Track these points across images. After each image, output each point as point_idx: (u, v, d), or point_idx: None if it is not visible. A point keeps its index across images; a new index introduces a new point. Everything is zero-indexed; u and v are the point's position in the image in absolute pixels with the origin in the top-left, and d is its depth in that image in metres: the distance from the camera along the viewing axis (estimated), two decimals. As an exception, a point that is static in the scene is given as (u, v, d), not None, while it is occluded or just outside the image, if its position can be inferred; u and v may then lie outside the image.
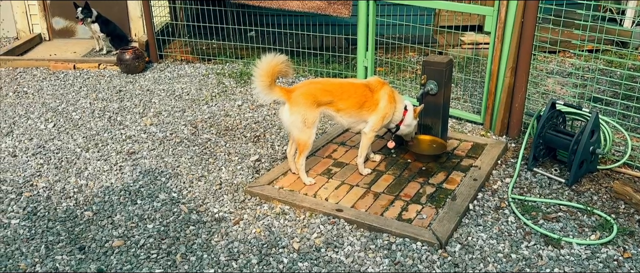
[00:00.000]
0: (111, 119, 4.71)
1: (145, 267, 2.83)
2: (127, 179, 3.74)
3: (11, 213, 3.34)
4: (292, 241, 3.02)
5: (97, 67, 6.02)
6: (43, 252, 2.97)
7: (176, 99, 5.16)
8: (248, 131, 4.48)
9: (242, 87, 5.45)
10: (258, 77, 3.33)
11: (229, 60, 6.16)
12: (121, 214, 3.32)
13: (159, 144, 4.25)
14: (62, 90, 5.37)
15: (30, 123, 4.63)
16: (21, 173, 3.81)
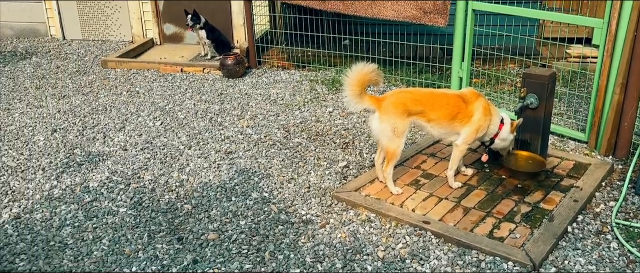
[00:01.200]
0: (212, 120, 5.01)
1: (236, 261, 2.98)
2: (224, 177, 3.95)
3: (120, 202, 3.66)
4: (376, 249, 3.03)
5: (202, 71, 6.43)
6: (146, 239, 3.23)
7: (271, 103, 5.37)
8: (337, 137, 4.56)
9: (334, 94, 5.55)
10: (348, 86, 3.38)
11: (322, 67, 6.30)
12: (217, 209, 3.52)
13: (253, 146, 4.45)
14: (170, 91, 5.79)
15: (140, 120, 5.05)
16: (130, 166, 4.16)
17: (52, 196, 3.72)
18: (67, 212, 3.51)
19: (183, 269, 2.94)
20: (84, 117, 5.10)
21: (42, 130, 4.83)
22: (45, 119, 5.07)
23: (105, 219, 3.43)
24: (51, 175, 4.01)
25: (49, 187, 3.84)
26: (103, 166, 4.15)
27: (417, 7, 5.09)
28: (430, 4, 5.05)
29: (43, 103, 5.49)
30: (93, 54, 7.17)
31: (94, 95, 5.69)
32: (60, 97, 5.64)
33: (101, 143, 4.55)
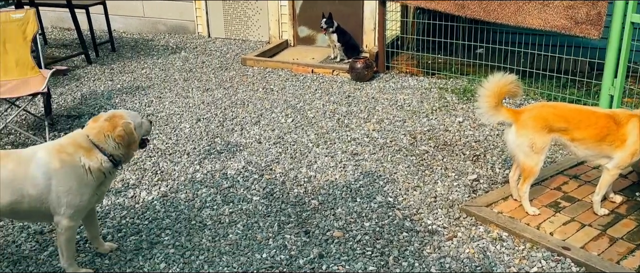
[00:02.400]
0: (339, 121, 5.12)
1: (360, 262, 3.01)
2: (349, 177, 4.02)
3: (254, 190, 3.89)
4: (508, 270, 2.88)
5: (331, 73, 6.60)
6: (276, 229, 3.40)
7: (398, 109, 5.35)
8: (467, 149, 4.41)
9: (464, 104, 5.38)
10: (483, 97, 3.26)
11: (453, 75, 6.14)
12: (342, 208, 3.59)
13: (379, 149, 4.47)
14: (301, 91, 6.03)
15: (273, 116, 5.32)
16: (264, 158, 4.40)
17: (195, 179, 4.07)
18: (207, 195, 3.82)
19: (309, 262, 3.04)
20: (224, 110, 5.51)
21: (188, 118, 5.30)
22: (190, 109, 5.55)
23: (240, 205, 3.67)
24: (194, 160, 4.38)
25: (192, 170, 4.21)
26: (240, 156, 4.44)
27: (568, 16, 4.74)
28: (584, 14, 4.68)
29: (189, 94, 6.02)
30: (234, 51, 7.71)
31: (234, 90, 6.11)
32: (204, 90, 6.14)
33: (239, 135, 4.88)
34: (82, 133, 2.84)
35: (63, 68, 6.87)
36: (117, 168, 2.90)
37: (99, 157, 2.77)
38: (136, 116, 2.99)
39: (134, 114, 2.99)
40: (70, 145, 2.77)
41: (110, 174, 2.88)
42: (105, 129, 2.82)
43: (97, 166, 2.77)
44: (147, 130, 3.08)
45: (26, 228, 3.46)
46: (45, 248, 3.24)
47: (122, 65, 7.13)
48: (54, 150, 2.76)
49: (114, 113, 2.93)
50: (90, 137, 2.80)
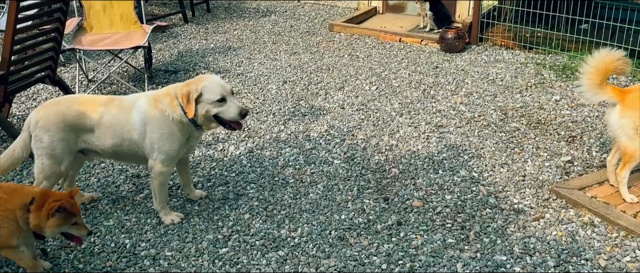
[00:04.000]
0: (425, 92, 5.01)
1: (439, 233, 2.98)
2: (432, 149, 3.95)
3: (335, 154, 3.94)
4: (598, 257, 2.72)
5: (419, 42, 6.43)
6: (355, 192, 3.43)
7: (489, 83, 5.13)
8: (562, 129, 4.15)
9: (563, 82, 5.04)
10: (587, 74, 3.04)
11: (552, 51, 5.76)
12: (423, 179, 3.55)
13: (465, 123, 4.34)
14: (387, 59, 5.94)
15: (357, 83, 5.30)
16: (346, 124, 4.42)
17: (279, 138, 4.18)
18: (290, 154, 3.92)
19: (387, 228, 3.05)
20: (310, 74, 5.57)
21: (275, 80, 5.42)
22: (278, 71, 5.67)
23: (322, 167, 3.74)
24: (280, 120, 4.50)
25: (277, 130, 4.32)
26: (323, 120, 4.50)
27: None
28: None
29: (277, 57, 6.14)
30: (322, 17, 7.72)
31: (320, 55, 6.15)
32: (292, 53, 6.23)
33: (323, 99, 4.93)
34: (174, 86, 2.98)
35: (163, 24, 7.25)
36: (197, 129, 2.97)
37: (179, 110, 2.89)
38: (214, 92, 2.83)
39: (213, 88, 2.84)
40: (164, 96, 2.94)
41: (193, 133, 2.99)
42: (184, 86, 2.91)
43: (178, 118, 2.90)
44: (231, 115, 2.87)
45: (125, 171, 3.75)
46: (141, 190, 3.51)
47: (216, 26, 7.39)
48: (152, 99, 2.95)
49: (201, 77, 2.94)
50: (176, 91, 2.93)
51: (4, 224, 2.45)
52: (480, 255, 2.78)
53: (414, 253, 2.82)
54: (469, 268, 2.69)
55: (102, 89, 5.30)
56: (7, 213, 2.45)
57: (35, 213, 2.44)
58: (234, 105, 2.89)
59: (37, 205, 2.45)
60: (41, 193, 2.50)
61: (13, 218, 2.46)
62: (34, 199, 2.46)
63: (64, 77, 5.36)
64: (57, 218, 2.45)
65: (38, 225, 2.46)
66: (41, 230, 2.47)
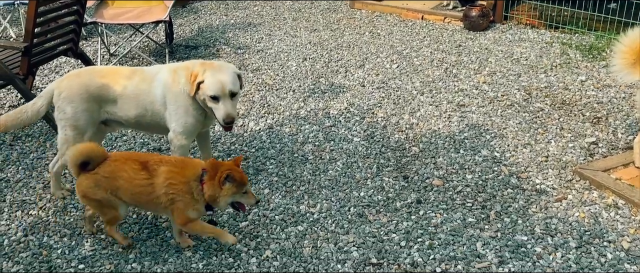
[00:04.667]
0: (447, 70, 4.93)
1: (459, 212, 2.96)
2: (454, 128, 3.90)
3: (355, 131, 3.92)
4: (621, 239, 2.68)
5: (442, 20, 6.32)
6: (374, 170, 3.42)
7: (513, 62, 5.03)
8: (588, 110, 4.06)
9: (589, 62, 4.92)
10: (620, 53, 2.96)
11: (578, 30, 5.61)
12: (443, 158, 3.51)
13: (488, 103, 4.27)
14: (409, 37, 5.86)
15: (378, 61, 5.25)
16: (366, 102, 4.39)
17: (299, 115, 4.18)
18: (309, 131, 3.91)
19: (406, 206, 3.04)
20: (330, 51, 5.52)
21: (295, 57, 5.39)
22: (298, 48, 5.63)
23: (341, 144, 3.73)
24: (299, 97, 4.48)
25: (296, 107, 4.31)
26: (343, 97, 4.47)
27: None
28: None
29: (297, 33, 6.09)
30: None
31: (340, 32, 6.08)
32: (312, 30, 6.18)
33: (343, 77, 4.89)
34: (194, 62, 2.98)
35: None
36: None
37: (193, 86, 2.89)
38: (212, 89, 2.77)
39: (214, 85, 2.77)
40: (183, 69, 2.94)
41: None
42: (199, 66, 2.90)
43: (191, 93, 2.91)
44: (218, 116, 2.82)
45: (146, 144, 3.79)
46: (163, 164, 3.54)
47: (236, 2, 7.35)
48: (172, 70, 2.96)
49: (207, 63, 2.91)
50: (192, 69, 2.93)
51: (180, 197, 2.49)
52: (500, 235, 2.76)
53: (433, 232, 2.81)
54: (489, 247, 2.68)
55: (123, 63, 5.34)
56: (182, 186, 2.49)
57: (209, 184, 2.47)
58: (222, 110, 2.81)
59: (209, 176, 2.47)
60: (211, 164, 2.53)
61: (188, 191, 2.49)
62: (205, 170, 2.49)
63: (86, 51, 5.39)
64: (231, 186, 2.47)
65: (213, 195, 2.48)
66: (215, 200, 2.50)
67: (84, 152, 2.52)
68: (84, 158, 2.52)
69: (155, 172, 2.50)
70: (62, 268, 2.63)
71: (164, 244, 2.78)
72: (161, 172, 2.50)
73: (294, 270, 2.58)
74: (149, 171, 2.51)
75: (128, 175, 2.52)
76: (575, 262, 2.55)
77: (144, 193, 2.52)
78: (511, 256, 2.61)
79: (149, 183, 2.50)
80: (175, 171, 2.51)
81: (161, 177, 2.49)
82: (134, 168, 2.52)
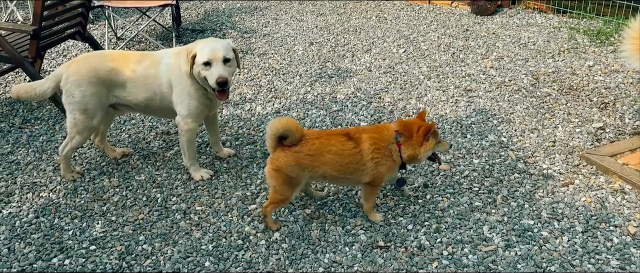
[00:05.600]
0: (454, 55, 4.92)
1: (466, 196, 2.98)
2: (461, 113, 3.90)
3: (361, 116, 3.92)
4: (627, 223, 2.70)
5: (450, 4, 6.28)
6: (381, 155, 3.43)
7: (520, 47, 5.00)
8: (595, 95, 4.05)
9: (597, 47, 4.89)
10: (629, 39, 2.95)
11: (587, 15, 5.57)
12: (451, 142, 3.52)
13: (495, 88, 4.26)
14: (416, 22, 5.83)
15: (385, 45, 5.23)
16: (373, 86, 4.39)
17: (306, 100, 4.18)
18: (317, 116, 3.92)
19: (413, 190, 3.06)
20: (336, 35, 5.50)
21: (301, 41, 5.38)
22: (304, 32, 5.62)
23: (349, 129, 3.74)
24: (306, 82, 4.48)
25: (303, 91, 4.32)
26: (349, 82, 4.47)
27: None
28: None
29: (304, 17, 6.07)
30: (349, -23, 7.56)
31: (347, 16, 6.06)
32: (318, 15, 6.15)
33: (349, 61, 4.88)
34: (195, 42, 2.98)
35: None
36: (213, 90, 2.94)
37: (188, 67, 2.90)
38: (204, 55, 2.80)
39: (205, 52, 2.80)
40: (184, 51, 2.95)
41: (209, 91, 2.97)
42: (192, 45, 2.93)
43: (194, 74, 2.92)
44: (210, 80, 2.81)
45: (155, 127, 3.81)
46: (171, 147, 3.57)
47: (241, -15, 7.32)
48: (175, 54, 2.97)
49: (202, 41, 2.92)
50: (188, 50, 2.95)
51: (383, 161, 2.62)
52: (507, 219, 2.78)
53: (440, 215, 2.83)
54: (496, 231, 2.70)
55: (130, 47, 5.34)
56: (384, 151, 2.61)
57: (408, 144, 2.62)
58: (214, 72, 2.80)
59: (405, 137, 2.63)
60: (402, 125, 2.67)
61: (389, 155, 2.63)
62: (398, 132, 2.64)
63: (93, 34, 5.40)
64: (431, 141, 2.64)
65: (412, 154, 2.64)
66: (415, 157, 2.66)
67: (285, 125, 2.54)
68: (284, 131, 2.55)
69: (359, 140, 2.61)
70: (73, 250, 2.67)
71: (174, 226, 2.82)
72: (365, 139, 2.61)
73: (302, 252, 2.61)
74: (354, 141, 2.61)
75: (337, 148, 2.59)
76: (581, 246, 2.57)
77: (353, 162, 2.60)
78: (518, 240, 2.63)
79: (358, 151, 2.60)
80: (377, 137, 2.63)
81: (366, 143, 2.60)
82: (341, 140, 2.61)
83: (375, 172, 2.63)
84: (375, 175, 2.64)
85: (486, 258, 2.53)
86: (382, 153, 2.61)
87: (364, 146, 2.60)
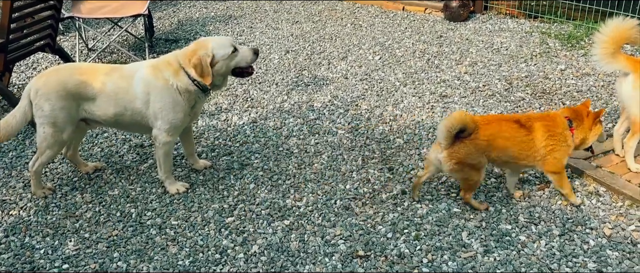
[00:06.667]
0: (429, 61, 4.96)
1: (444, 202, 2.98)
2: (437, 119, 3.92)
3: (339, 124, 3.92)
4: (603, 225, 2.74)
5: (423, 11, 6.34)
6: (360, 162, 3.42)
7: (493, 52, 5.07)
8: (567, 98, 4.12)
9: (568, 51, 4.99)
10: (600, 43, 2.99)
11: (557, 20, 5.68)
12: (427, 149, 3.53)
13: (470, 93, 4.30)
14: (390, 28, 5.87)
15: (361, 53, 5.24)
16: (350, 94, 4.39)
17: (283, 108, 4.16)
18: (294, 125, 3.90)
19: (392, 197, 3.06)
20: (312, 43, 5.50)
21: (277, 49, 5.36)
22: (280, 40, 5.60)
23: (326, 137, 3.72)
24: (283, 90, 4.46)
25: (280, 100, 4.29)
26: (326, 90, 4.46)
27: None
28: None
29: (279, 26, 6.05)
30: (323, -16, 7.58)
31: (322, 24, 6.06)
32: (294, 23, 6.14)
33: (326, 69, 4.88)
34: (175, 54, 2.95)
35: (161, -7, 7.12)
36: (206, 93, 2.97)
37: (185, 79, 2.87)
38: (224, 47, 2.89)
39: (222, 45, 2.89)
40: (164, 65, 2.90)
41: (200, 98, 2.97)
42: (190, 54, 2.87)
43: (184, 87, 2.87)
44: (246, 60, 2.98)
45: (128, 141, 3.74)
46: (145, 160, 3.50)
47: (215, -6, 7.26)
48: (152, 67, 2.91)
49: (201, 41, 2.93)
50: (179, 59, 2.90)
51: (558, 147, 2.76)
52: (485, 224, 2.80)
53: (419, 222, 2.83)
54: (474, 237, 2.71)
55: (102, 58, 5.24)
56: (559, 136, 2.76)
57: (580, 129, 2.81)
58: (246, 49, 2.99)
59: (577, 123, 2.81)
60: (572, 112, 2.85)
61: (565, 140, 2.77)
62: (569, 119, 2.80)
63: (64, 46, 5.28)
64: (599, 126, 2.85)
65: (584, 138, 2.83)
66: (584, 142, 2.85)
67: (462, 120, 2.65)
68: (462, 125, 2.65)
69: (532, 128, 2.76)
70: (45, 269, 2.59)
71: (149, 241, 2.75)
72: (538, 127, 2.76)
73: (282, 264, 2.58)
74: (526, 128, 2.76)
75: (510, 134, 2.75)
76: (558, 249, 2.60)
77: (525, 149, 2.76)
78: (496, 245, 2.65)
79: (530, 138, 2.75)
80: (551, 125, 2.77)
81: (539, 131, 2.75)
82: (513, 127, 2.76)
83: (549, 158, 2.77)
84: (549, 161, 2.78)
85: (466, 265, 2.53)
86: (558, 139, 2.76)
87: (537, 134, 2.75)
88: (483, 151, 2.73)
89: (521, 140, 2.74)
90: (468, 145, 2.70)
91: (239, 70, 3.03)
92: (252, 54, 3.01)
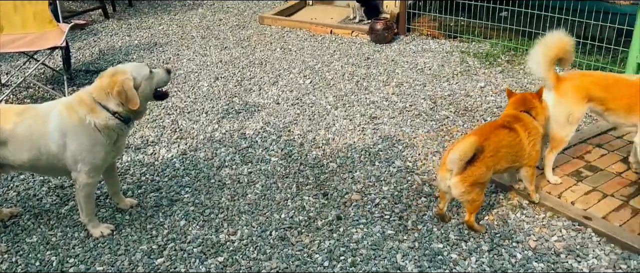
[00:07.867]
0: (358, 83, 5.05)
1: (378, 225, 3.02)
2: (368, 141, 3.99)
3: (272, 151, 3.88)
4: (528, 238, 2.86)
5: (350, 33, 6.48)
6: (294, 190, 3.40)
7: (418, 73, 5.25)
8: (488, 114, 4.33)
9: (487, 69, 5.26)
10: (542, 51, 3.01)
11: (475, 39, 5.99)
12: (360, 171, 3.58)
13: (398, 113, 4.42)
14: (319, 52, 5.94)
15: (291, 77, 5.26)
16: (282, 119, 4.37)
17: (214, 138, 4.07)
18: (226, 154, 3.82)
19: (327, 223, 3.05)
20: (242, 69, 5.45)
21: (206, 77, 5.26)
22: (208, 67, 5.51)
23: (259, 166, 3.67)
24: (213, 119, 4.37)
25: (211, 129, 4.20)
26: (258, 116, 4.42)
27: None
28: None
29: (207, 52, 5.96)
30: (251, 9, 7.58)
31: (251, 49, 6.03)
32: (222, 48, 6.07)
33: (257, 95, 4.84)
34: (87, 90, 2.79)
35: (81, 22, 6.84)
36: (128, 125, 2.85)
37: (104, 114, 2.72)
38: (141, 68, 2.82)
39: (139, 68, 2.82)
40: (77, 103, 2.74)
41: (123, 131, 2.83)
42: (106, 86, 2.73)
43: (103, 123, 2.72)
44: (163, 80, 2.93)
45: (47, 182, 3.51)
46: (66, 202, 3.29)
47: (139, 21, 7.07)
48: (65, 107, 2.74)
49: (116, 69, 2.79)
50: (93, 95, 2.75)
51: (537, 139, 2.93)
52: (418, 244, 2.85)
53: (354, 248, 2.84)
54: (408, 258, 2.75)
55: (17, 94, 4.92)
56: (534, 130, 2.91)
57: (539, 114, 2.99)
58: (160, 70, 2.97)
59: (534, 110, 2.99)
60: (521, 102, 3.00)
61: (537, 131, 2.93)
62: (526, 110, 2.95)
63: (-28, 82, 4.92)
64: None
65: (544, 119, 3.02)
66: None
67: (474, 147, 2.67)
68: (476, 150, 2.68)
69: (516, 129, 2.87)
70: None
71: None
72: (519, 128, 2.87)
73: (217, 304, 2.49)
74: (513, 131, 2.86)
75: (507, 141, 2.82)
76: (488, 265, 2.69)
77: (520, 150, 2.87)
78: (429, 265, 2.70)
79: (519, 139, 2.86)
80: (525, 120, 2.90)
81: (522, 131, 2.86)
82: (505, 133, 2.84)
83: (534, 152, 2.93)
84: (536, 156, 2.95)
85: (402, 288, 2.56)
86: (534, 133, 2.90)
87: (522, 134, 2.86)
88: (492, 167, 2.79)
89: (515, 143, 2.86)
90: (479, 165, 2.72)
91: (159, 94, 2.97)
92: (166, 73, 2.98)
